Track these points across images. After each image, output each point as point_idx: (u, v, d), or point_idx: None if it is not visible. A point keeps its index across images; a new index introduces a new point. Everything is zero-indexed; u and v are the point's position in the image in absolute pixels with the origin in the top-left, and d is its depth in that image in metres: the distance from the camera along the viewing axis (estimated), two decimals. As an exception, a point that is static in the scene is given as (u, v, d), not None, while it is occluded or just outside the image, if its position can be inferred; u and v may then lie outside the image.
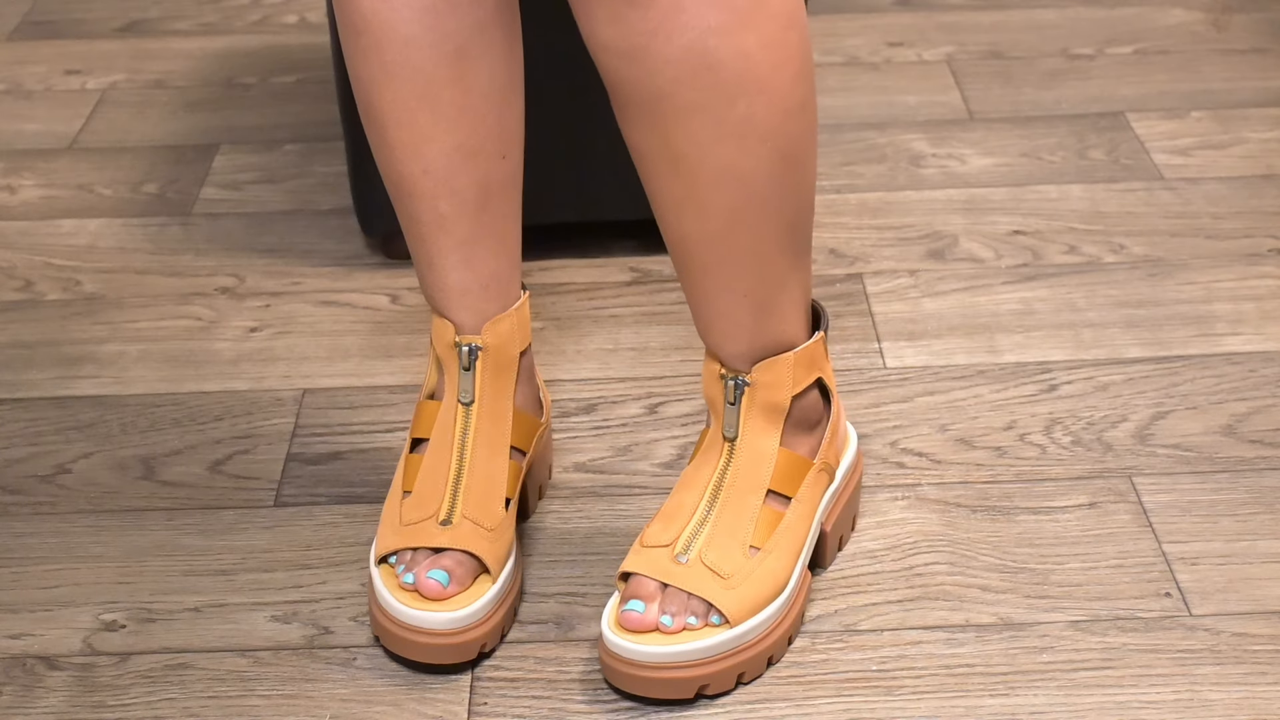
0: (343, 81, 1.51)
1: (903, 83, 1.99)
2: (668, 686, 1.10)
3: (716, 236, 1.08)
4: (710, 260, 1.10)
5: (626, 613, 1.10)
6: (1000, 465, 1.34)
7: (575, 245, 1.65)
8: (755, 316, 1.12)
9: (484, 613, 1.14)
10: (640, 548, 1.14)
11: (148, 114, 1.97)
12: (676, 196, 1.07)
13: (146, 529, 1.30)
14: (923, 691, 1.13)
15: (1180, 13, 2.16)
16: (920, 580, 1.22)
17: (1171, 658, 1.15)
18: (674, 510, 1.15)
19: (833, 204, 1.73)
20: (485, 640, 1.15)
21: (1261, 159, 1.79)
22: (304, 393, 1.45)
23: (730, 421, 1.16)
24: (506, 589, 1.17)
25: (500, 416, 1.20)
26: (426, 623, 1.13)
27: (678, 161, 1.05)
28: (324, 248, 1.68)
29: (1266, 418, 1.39)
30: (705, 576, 1.11)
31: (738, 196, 1.06)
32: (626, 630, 1.10)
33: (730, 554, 1.13)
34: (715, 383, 1.16)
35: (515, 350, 1.21)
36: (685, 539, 1.13)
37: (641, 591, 1.11)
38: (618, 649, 1.10)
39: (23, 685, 1.15)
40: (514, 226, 1.20)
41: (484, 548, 1.15)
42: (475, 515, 1.16)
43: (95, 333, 1.55)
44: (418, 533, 1.16)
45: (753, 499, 1.15)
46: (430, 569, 1.14)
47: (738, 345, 1.14)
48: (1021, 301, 1.55)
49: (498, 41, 1.13)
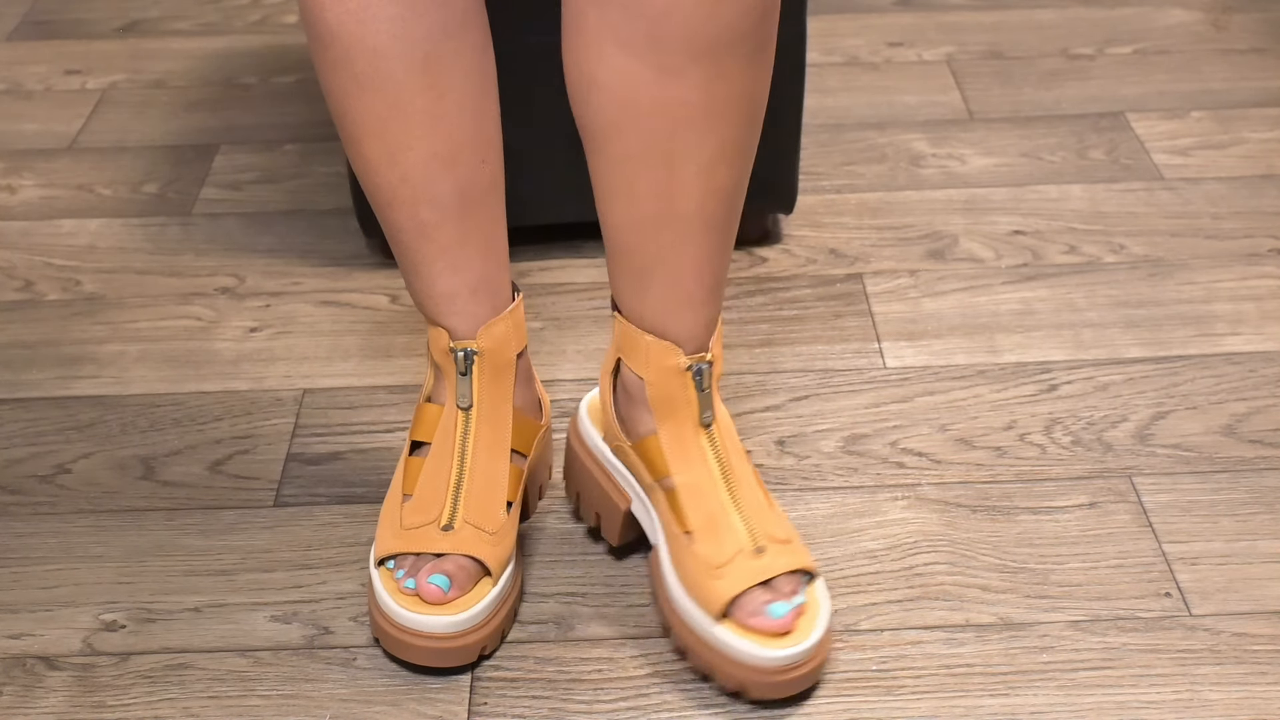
0: (343, 81, 1.51)
1: (903, 83, 1.99)
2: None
3: (745, 178, 1.11)
4: (722, 214, 1.11)
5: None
6: (1000, 465, 1.34)
7: (575, 245, 1.65)
8: (724, 271, 1.14)
9: (484, 615, 1.14)
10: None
11: (148, 114, 1.97)
12: (714, 149, 1.07)
13: (146, 529, 1.30)
14: (923, 691, 1.13)
15: (1180, 13, 2.16)
16: (920, 580, 1.22)
17: (1171, 658, 1.15)
18: (720, 518, 1.14)
19: (833, 204, 1.73)
20: (486, 643, 1.15)
21: (1261, 159, 1.79)
22: (304, 393, 1.45)
23: (706, 406, 1.15)
24: (507, 591, 1.17)
25: (500, 420, 1.19)
26: (427, 626, 1.13)
27: (727, 110, 1.06)
28: (324, 248, 1.68)
29: (1266, 418, 1.39)
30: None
31: (759, 128, 1.10)
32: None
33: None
34: (675, 377, 1.14)
35: (512, 353, 1.19)
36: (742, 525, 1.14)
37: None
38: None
39: (23, 685, 1.15)
40: (499, 229, 1.18)
41: (486, 551, 1.15)
42: (477, 519, 1.16)
43: (95, 333, 1.55)
44: (419, 537, 1.16)
45: (745, 466, 1.17)
46: (431, 574, 1.14)
47: (711, 307, 1.14)
48: (1021, 301, 1.55)
49: (467, 48, 1.11)
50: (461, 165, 1.13)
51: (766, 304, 1.56)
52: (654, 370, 1.14)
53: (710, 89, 1.04)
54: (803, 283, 1.59)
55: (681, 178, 1.07)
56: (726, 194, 1.10)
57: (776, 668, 1.09)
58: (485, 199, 1.16)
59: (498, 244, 1.19)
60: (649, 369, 1.14)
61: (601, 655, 1.17)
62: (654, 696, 1.13)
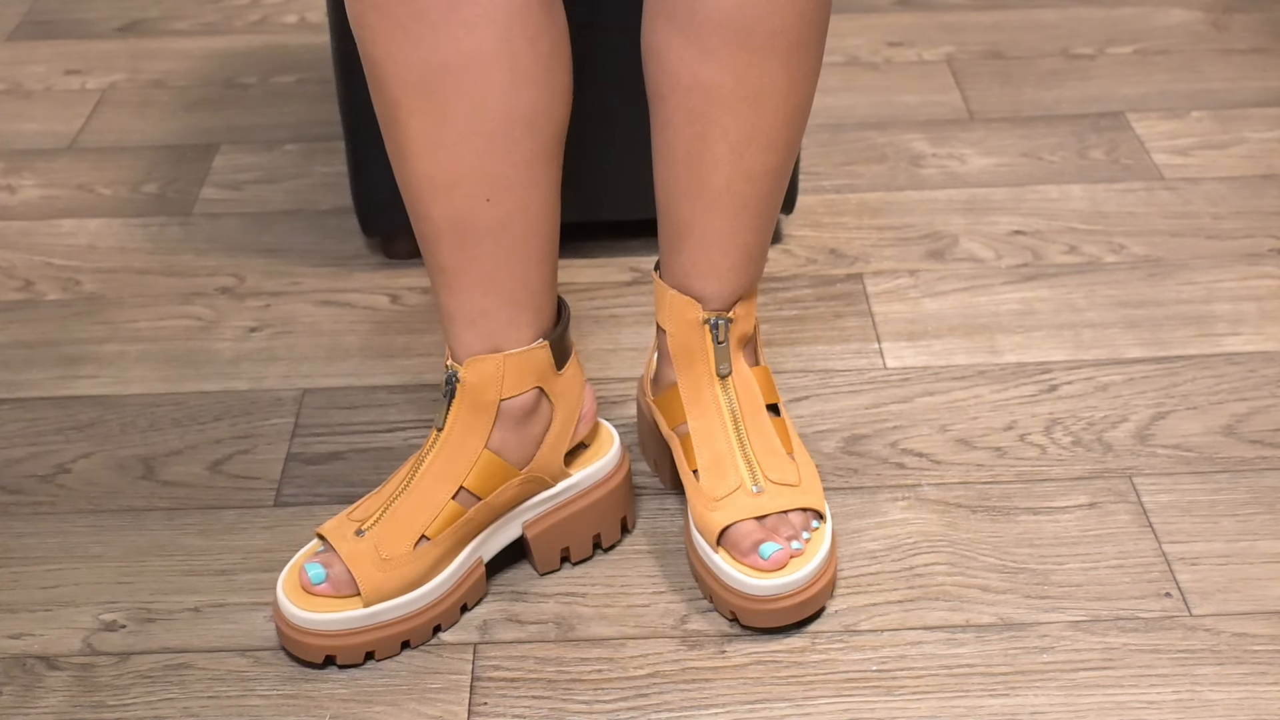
0: (343, 82, 1.51)
1: (903, 83, 1.99)
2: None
3: (780, 169, 1.17)
4: (752, 196, 1.16)
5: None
6: (1000, 465, 1.34)
7: (575, 245, 1.65)
8: (759, 247, 1.20)
9: (332, 627, 1.14)
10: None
11: (148, 114, 1.97)
12: (744, 132, 1.13)
13: (146, 529, 1.30)
14: (923, 691, 1.13)
15: (1180, 13, 2.16)
16: (920, 580, 1.22)
17: (1171, 658, 1.15)
18: (727, 458, 1.20)
19: (833, 204, 1.73)
20: (336, 653, 1.15)
21: (1261, 159, 1.79)
22: (304, 393, 1.45)
23: (723, 359, 1.21)
24: (373, 624, 1.15)
25: (461, 455, 1.16)
26: (283, 608, 1.15)
27: (761, 100, 1.12)
28: (324, 248, 1.68)
29: (1266, 418, 1.39)
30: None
31: (800, 128, 1.17)
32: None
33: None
34: (693, 329, 1.20)
35: (493, 395, 1.16)
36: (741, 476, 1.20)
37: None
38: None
39: (23, 685, 1.15)
40: (506, 271, 1.15)
41: (366, 571, 1.14)
42: (378, 537, 1.15)
43: (95, 333, 1.55)
44: (340, 528, 1.17)
45: (763, 418, 1.22)
46: (316, 561, 1.16)
47: (739, 277, 1.20)
48: (1021, 301, 1.55)
49: (477, 83, 1.08)
50: (459, 197, 1.12)
51: (766, 304, 1.56)
52: (675, 323, 1.21)
53: (741, 75, 1.11)
54: (803, 283, 1.59)
55: (713, 153, 1.14)
56: (757, 177, 1.16)
57: (763, 597, 1.15)
58: (489, 236, 1.13)
59: (503, 284, 1.15)
60: (671, 321, 1.21)
61: (601, 655, 1.17)
62: (654, 696, 1.13)
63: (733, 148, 1.14)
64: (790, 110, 1.15)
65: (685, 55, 1.11)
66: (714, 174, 1.15)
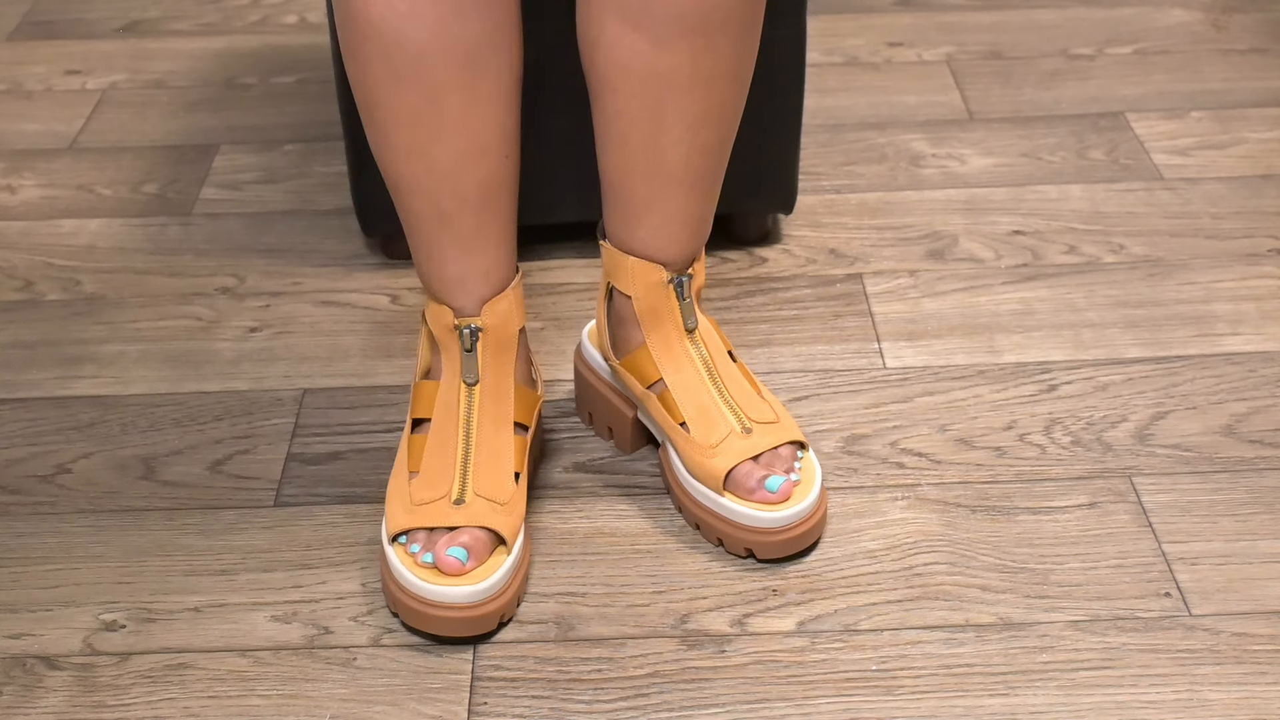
0: (343, 81, 1.51)
1: (903, 83, 1.99)
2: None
3: (730, 139, 1.22)
4: (706, 169, 1.21)
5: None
6: (1000, 465, 1.34)
7: (575, 245, 1.65)
8: (710, 212, 1.26)
9: (502, 584, 1.17)
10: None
11: (148, 114, 1.97)
12: (699, 112, 1.17)
13: (146, 529, 1.30)
14: (923, 691, 1.13)
15: (1180, 13, 2.16)
16: (920, 580, 1.22)
17: (1171, 658, 1.15)
18: (711, 407, 1.25)
19: (833, 204, 1.73)
20: (504, 610, 1.17)
21: (1261, 159, 1.80)
22: (304, 393, 1.45)
23: (689, 314, 1.27)
24: (520, 558, 1.20)
25: (503, 394, 1.23)
26: (449, 598, 1.15)
27: (714, 79, 1.16)
28: (324, 248, 1.68)
29: (1266, 418, 1.39)
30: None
31: (744, 98, 1.21)
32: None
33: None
34: (658, 290, 1.25)
35: (514, 328, 1.24)
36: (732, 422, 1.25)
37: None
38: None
39: (23, 685, 1.15)
40: (513, 216, 1.24)
41: (499, 521, 1.18)
42: (487, 492, 1.19)
43: (95, 333, 1.55)
44: (431, 512, 1.18)
45: (730, 364, 1.28)
46: (449, 546, 1.16)
47: (696, 242, 1.26)
48: (1021, 301, 1.55)
49: (504, 47, 1.15)
50: (489, 159, 1.18)
51: (766, 304, 1.56)
52: (640, 286, 1.26)
53: (698, 60, 1.15)
54: (802, 283, 1.59)
55: (670, 135, 1.19)
56: (711, 150, 1.21)
57: (778, 528, 1.22)
58: (505, 189, 1.21)
59: (511, 230, 1.23)
60: (635, 285, 1.26)
61: (601, 655, 1.17)
62: (654, 696, 1.13)
63: (689, 127, 1.18)
64: (739, 85, 1.20)
65: (639, 47, 1.14)
66: (671, 153, 1.19)
